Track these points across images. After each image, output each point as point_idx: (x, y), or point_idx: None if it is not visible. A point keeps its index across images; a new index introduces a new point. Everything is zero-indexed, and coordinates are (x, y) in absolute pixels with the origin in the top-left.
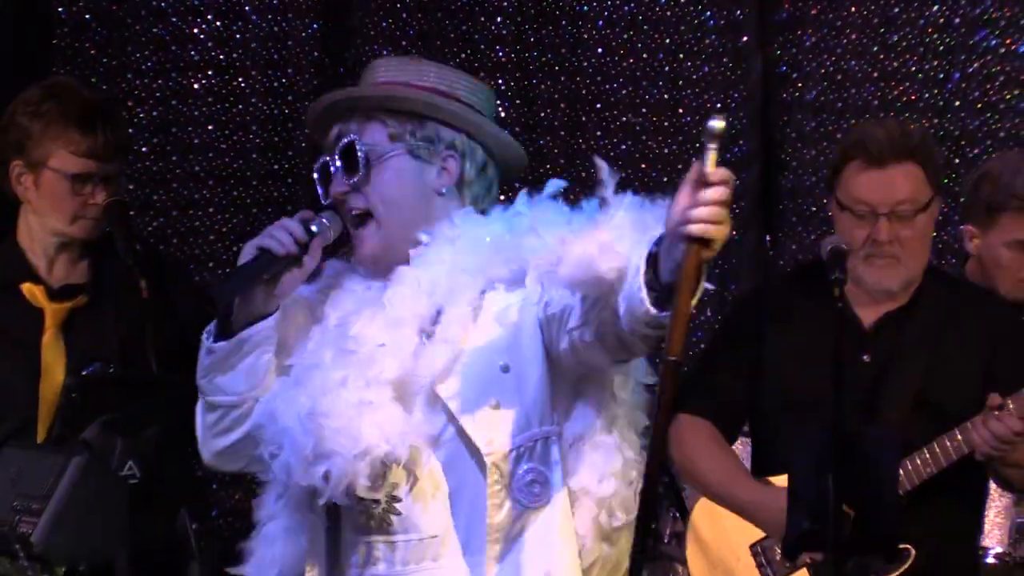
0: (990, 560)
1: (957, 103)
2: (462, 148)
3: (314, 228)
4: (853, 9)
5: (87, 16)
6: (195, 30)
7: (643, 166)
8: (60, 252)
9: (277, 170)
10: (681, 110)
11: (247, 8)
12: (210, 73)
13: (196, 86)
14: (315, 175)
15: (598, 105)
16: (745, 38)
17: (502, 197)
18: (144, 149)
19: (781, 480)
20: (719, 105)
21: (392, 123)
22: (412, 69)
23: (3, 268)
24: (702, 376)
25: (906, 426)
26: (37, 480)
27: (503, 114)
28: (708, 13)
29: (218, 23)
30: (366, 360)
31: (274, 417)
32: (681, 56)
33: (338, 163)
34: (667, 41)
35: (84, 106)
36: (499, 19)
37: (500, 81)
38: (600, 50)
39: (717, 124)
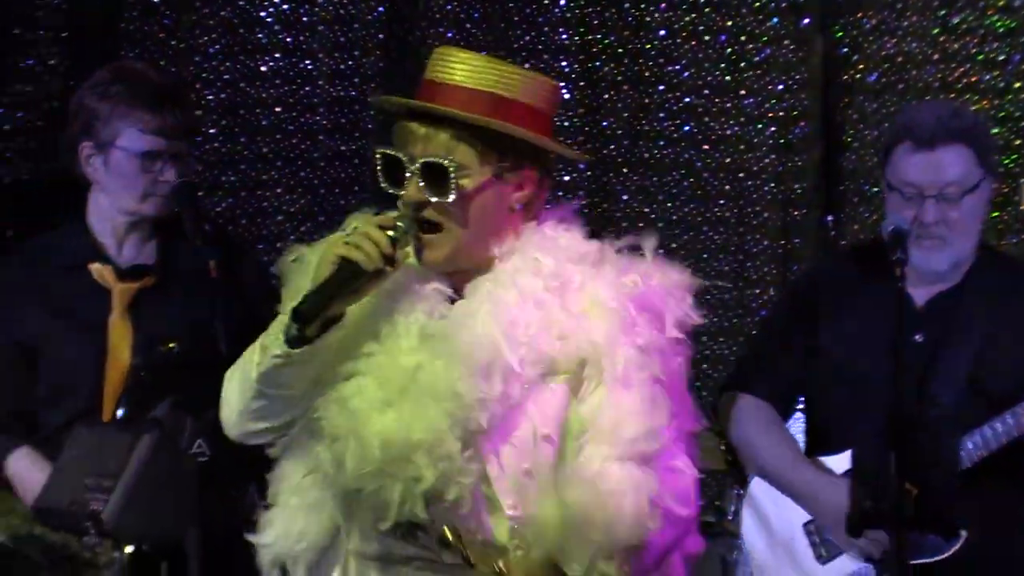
0: None
1: (1017, 84)
2: (538, 168)
3: (392, 234)
4: None
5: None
6: (262, 13)
7: (705, 147)
8: (129, 232)
9: (344, 151)
10: (743, 92)
11: None
12: (277, 55)
13: (264, 68)
14: (382, 164)
15: (661, 87)
16: (807, 20)
17: None
18: (213, 131)
19: (836, 461)
20: (781, 87)
21: (483, 147)
22: (496, 75)
23: (72, 248)
24: (758, 356)
25: (958, 407)
26: (108, 458)
27: (567, 95)
28: None
29: (285, 6)
30: (440, 390)
31: (345, 409)
32: (743, 38)
33: (420, 174)
34: (729, 23)
35: (152, 87)
36: (563, 2)
37: (564, 63)
38: (663, 32)
39: None
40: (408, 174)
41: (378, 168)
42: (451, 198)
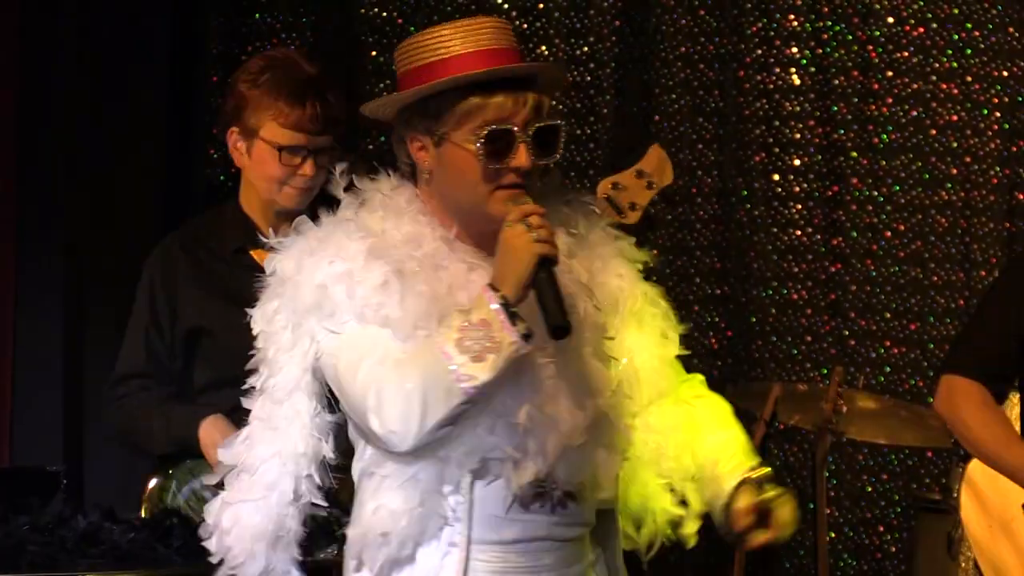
0: None
1: None
2: None
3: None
4: None
5: None
6: (498, 0)
7: (932, 132)
8: (281, 219)
9: (579, 135)
10: (969, 78)
11: None
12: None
13: None
14: (489, 143)
15: (889, 73)
16: None
17: None
18: None
19: None
20: (1006, 73)
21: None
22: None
23: (233, 232)
24: (972, 337)
25: None
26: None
27: (797, 82)
28: None
29: None
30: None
31: (505, 408)
32: (969, 25)
33: (533, 140)
34: (956, 11)
35: (297, 79)
36: None
37: (795, 49)
38: (891, 19)
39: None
40: (520, 143)
41: (489, 146)
42: (556, 157)
